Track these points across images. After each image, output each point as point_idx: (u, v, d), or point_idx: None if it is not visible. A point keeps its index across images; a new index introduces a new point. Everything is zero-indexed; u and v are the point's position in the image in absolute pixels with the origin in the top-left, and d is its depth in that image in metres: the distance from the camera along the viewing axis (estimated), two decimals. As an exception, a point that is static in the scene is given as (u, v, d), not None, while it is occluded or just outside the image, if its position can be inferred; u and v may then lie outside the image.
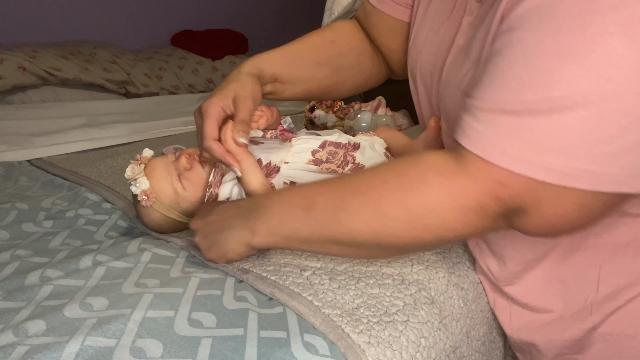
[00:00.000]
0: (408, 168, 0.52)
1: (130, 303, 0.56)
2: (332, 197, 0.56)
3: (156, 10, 2.46)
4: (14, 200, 0.91)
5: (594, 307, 0.59)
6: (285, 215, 0.59)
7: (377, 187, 0.53)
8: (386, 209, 0.52)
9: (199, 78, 2.29)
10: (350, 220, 0.54)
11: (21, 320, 0.53)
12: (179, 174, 0.76)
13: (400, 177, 0.52)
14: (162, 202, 0.75)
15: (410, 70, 0.78)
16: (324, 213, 0.56)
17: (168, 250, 0.71)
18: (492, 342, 0.75)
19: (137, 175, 0.74)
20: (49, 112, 1.64)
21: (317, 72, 0.85)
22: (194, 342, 0.51)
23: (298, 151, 0.77)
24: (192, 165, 0.76)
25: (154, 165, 0.77)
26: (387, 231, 0.53)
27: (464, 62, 0.59)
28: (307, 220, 0.57)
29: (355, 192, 0.55)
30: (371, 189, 0.54)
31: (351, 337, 0.54)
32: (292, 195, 0.61)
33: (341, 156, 0.77)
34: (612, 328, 0.59)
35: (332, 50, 0.87)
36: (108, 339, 0.50)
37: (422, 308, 0.62)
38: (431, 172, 0.50)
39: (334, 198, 0.56)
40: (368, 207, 0.53)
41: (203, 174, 0.76)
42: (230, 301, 0.59)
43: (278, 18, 3.03)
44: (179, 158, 0.77)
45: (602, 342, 0.60)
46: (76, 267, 0.65)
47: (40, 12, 2.06)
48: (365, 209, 0.53)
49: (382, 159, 0.77)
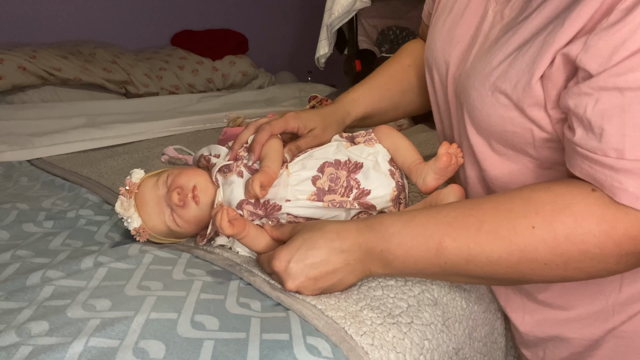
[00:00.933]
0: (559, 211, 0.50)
1: (134, 305, 0.56)
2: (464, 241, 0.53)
3: (156, 10, 2.46)
4: (14, 201, 0.91)
5: (616, 308, 0.59)
6: (410, 262, 0.56)
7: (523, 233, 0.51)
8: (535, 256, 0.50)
9: (199, 78, 2.29)
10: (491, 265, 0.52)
11: (24, 320, 0.53)
12: (172, 210, 0.71)
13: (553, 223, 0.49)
14: (156, 236, 0.73)
15: (426, 60, 0.77)
16: (457, 257, 0.54)
17: (169, 252, 0.71)
18: (494, 342, 0.75)
19: (128, 213, 0.70)
20: (49, 112, 1.64)
21: (403, 100, 0.89)
22: (196, 344, 0.51)
23: (297, 183, 0.70)
24: (185, 202, 0.70)
25: (145, 199, 0.72)
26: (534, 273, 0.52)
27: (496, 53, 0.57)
28: (437, 263, 0.55)
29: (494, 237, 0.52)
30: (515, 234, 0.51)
31: (354, 339, 0.54)
32: (414, 236, 0.56)
33: (343, 181, 0.70)
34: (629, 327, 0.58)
35: (412, 75, 0.89)
36: (111, 340, 0.50)
37: (425, 310, 0.62)
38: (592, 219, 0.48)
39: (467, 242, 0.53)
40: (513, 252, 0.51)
41: (197, 211, 0.71)
42: (233, 306, 0.58)
43: (278, 18, 3.03)
44: (170, 193, 0.70)
45: (615, 339, 0.59)
46: (77, 268, 0.65)
47: (40, 12, 2.06)
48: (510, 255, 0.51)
49: (388, 180, 0.72)
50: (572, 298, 0.62)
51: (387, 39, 2.18)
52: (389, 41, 2.17)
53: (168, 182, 0.72)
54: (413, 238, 0.56)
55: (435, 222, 0.56)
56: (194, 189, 0.70)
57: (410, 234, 0.56)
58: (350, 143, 0.77)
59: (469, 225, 0.53)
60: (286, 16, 3.08)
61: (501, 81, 0.55)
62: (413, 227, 0.57)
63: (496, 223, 0.52)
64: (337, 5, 1.75)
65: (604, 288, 0.59)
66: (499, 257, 0.51)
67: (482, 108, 0.59)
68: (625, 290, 0.58)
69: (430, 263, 0.55)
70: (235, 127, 1.32)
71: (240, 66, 2.43)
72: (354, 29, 2.07)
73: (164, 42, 2.51)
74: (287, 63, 3.07)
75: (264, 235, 0.68)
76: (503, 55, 0.56)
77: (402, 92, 0.88)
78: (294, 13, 3.11)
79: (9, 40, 1.93)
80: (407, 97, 0.89)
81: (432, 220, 0.56)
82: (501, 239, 0.51)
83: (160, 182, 0.72)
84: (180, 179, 0.71)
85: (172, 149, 1.23)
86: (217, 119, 1.68)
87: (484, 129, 0.61)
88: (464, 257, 0.53)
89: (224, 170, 0.72)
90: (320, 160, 0.72)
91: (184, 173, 0.73)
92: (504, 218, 0.52)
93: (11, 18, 1.98)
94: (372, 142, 0.76)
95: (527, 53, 0.53)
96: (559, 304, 0.64)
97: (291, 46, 3.14)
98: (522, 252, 0.50)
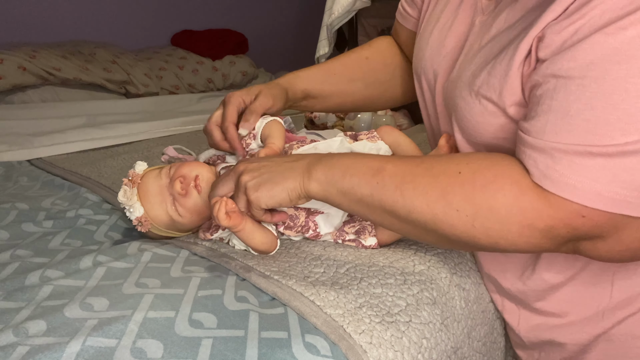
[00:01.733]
0: (484, 166, 0.53)
1: (131, 304, 0.56)
2: (402, 168, 0.57)
3: (156, 10, 2.45)
4: (14, 200, 0.91)
5: (606, 314, 0.59)
6: (351, 170, 0.59)
7: (450, 174, 0.54)
8: (452, 198, 0.53)
9: (199, 78, 2.29)
10: (414, 195, 0.55)
11: (21, 320, 0.53)
12: (174, 199, 0.72)
13: (475, 173, 0.52)
14: (157, 227, 0.73)
15: (415, 70, 0.78)
16: (390, 180, 0.56)
17: (168, 250, 0.71)
18: (493, 342, 0.75)
19: (131, 202, 0.71)
20: (49, 112, 1.64)
21: (349, 87, 0.91)
22: (194, 342, 0.51)
23: None
24: (187, 191, 0.72)
25: (147, 189, 0.73)
26: (446, 219, 0.53)
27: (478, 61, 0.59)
28: (371, 181, 0.57)
29: (427, 171, 0.55)
30: (443, 173, 0.54)
31: (353, 338, 0.54)
32: (364, 156, 0.62)
33: None
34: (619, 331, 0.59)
35: (366, 66, 0.92)
36: (109, 340, 0.50)
37: (424, 309, 0.62)
38: (508, 180, 0.51)
39: (405, 170, 0.57)
40: (435, 189, 0.54)
41: (199, 200, 0.72)
42: (231, 301, 0.58)
43: (278, 18, 3.02)
44: (173, 182, 0.72)
45: (606, 342, 0.60)
46: (76, 268, 0.65)
47: (40, 12, 2.06)
48: (432, 190, 0.54)
49: None
50: (566, 306, 0.63)
51: (387, 38, 2.18)
52: (389, 41, 2.17)
53: (171, 172, 0.74)
54: (364, 157, 0.62)
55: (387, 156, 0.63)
56: (197, 178, 0.72)
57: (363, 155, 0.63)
58: (354, 140, 0.79)
59: (413, 162, 0.58)
60: (286, 16, 3.07)
61: (485, 89, 0.57)
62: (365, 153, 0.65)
63: (434, 163, 0.56)
64: (337, 5, 1.74)
65: (596, 295, 0.60)
66: (423, 189, 0.54)
67: (471, 117, 0.60)
68: (616, 296, 0.58)
69: (366, 180, 0.58)
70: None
71: (240, 66, 2.43)
72: (354, 29, 2.07)
73: (164, 42, 2.51)
74: (287, 63, 3.07)
75: (260, 230, 0.68)
76: (484, 62, 0.58)
77: (349, 80, 0.91)
78: (294, 13, 3.11)
79: (9, 40, 1.93)
80: (355, 86, 0.92)
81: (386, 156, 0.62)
82: (431, 175, 0.55)
83: (163, 173, 0.74)
84: (183, 169, 0.73)
85: (172, 149, 1.23)
86: (217, 119, 1.67)
87: (474, 137, 0.62)
88: (395, 182, 0.56)
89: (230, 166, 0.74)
90: (324, 152, 0.74)
91: (187, 164, 0.75)
92: (442, 161, 0.56)
93: (11, 18, 1.98)
94: (375, 139, 0.79)
95: (506, 56, 0.54)
96: (553, 311, 0.64)
97: (291, 46, 3.13)
98: (443, 190, 0.53)
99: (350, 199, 0.59)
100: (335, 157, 0.62)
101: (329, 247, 0.73)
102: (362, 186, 0.58)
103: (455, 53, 0.68)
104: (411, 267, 0.68)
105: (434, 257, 0.71)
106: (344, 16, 1.77)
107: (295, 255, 0.71)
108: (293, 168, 0.62)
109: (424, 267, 0.68)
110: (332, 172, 0.60)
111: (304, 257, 0.70)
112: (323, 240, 0.76)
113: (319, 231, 0.74)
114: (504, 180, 0.51)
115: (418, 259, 0.70)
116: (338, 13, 1.76)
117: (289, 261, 0.69)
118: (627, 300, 0.58)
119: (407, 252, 0.72)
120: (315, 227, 0.74)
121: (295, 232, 0.74)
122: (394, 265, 0.68)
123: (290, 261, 0.69)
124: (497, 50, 0.57)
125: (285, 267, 0.67)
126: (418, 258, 0.70)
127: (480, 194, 0.51)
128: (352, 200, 0.59)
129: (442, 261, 0.71)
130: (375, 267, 0.67)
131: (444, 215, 0.53)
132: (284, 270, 0.66)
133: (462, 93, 0.61)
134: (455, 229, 0.53)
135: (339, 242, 0.74)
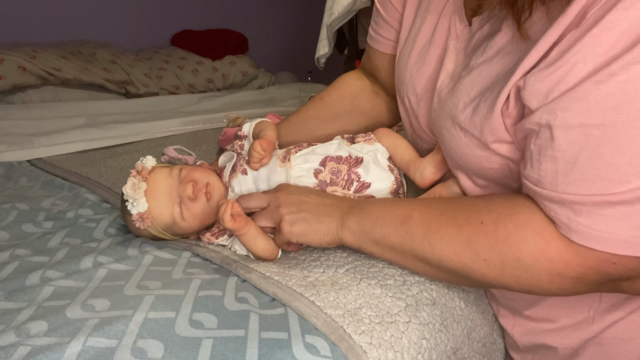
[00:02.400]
0: (504, 216, 0.53)
1: (132, 304, 0.56)
2: (428, 217, 0.58)
3: (156, 10, 2.46)
4: (14, 201, 0.91)
5: (596, 318, 0.60)
6: (380, 220, 0.61)
7: (473, 224, 0.54)
8: (478, 248, 0.53)
9: (199, 78, 2.29)
10: (442, 245, 0.56)
11: (23, 320, 0.53)
12: (181, 201, 0.71)
13: (496, 224, 0.53)
14: (156, 226, 0.72)
15: (397, 91, 0.79)
16: (418, 229, 0.58)
17: (169, 253, 0.71)
18: (493, 343, 0.75)
19: (137, 196, 0.70)
20: (49, 112, 1.64)
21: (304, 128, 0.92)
22: (195, 342, 0.51)
23: (299, 175, 0.74)
24: (197, 196, 0.71)
25: (156, 186, 0.72)
26: (475, 267, 0.54)
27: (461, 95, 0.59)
28: (400, 231, 0.59)
29: (451, 221, 0.56)
30: (466, 223, 0.55)
31: (353, 338, 0.54)
32: (391, 204, 0.63)
33: (345, 174, 0.74)
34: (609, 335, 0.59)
35: (321, 105, 0.94)
36: (109, 340, 0.50)
37: (423, 309, 0.62)
38: (530, 231, 0.50)
39: (430, 219, 0.58)
40: (461, 240, 0.55)
41: (206, 207, 0.72)
42: (232, 302, 0.59)
43: (278, 18, 3.03)
44: (185, 185, 0.71)
45: (596, 346, 0.60)
46: (77, 268, 0.65)
47: (40, 12, 2.06)
48: (458, 241, 0.55)
49: (387, 174, 0.76)
50: (556, 311, 0.63)
51: (387, 39, 2.18)
52: (389, 41, 2.17)
53: (182, 174, 0.73)
54: (390, 204, 0.64)
55: (411, 201, 0.64)
56: (208, 185, 0.72)
57: (390, 202, 0.65)
58: (351, 143, 0.80)
59: (438, 207, 0.59)
60: (286, 16, 3.08)
61: (468, 125, 0.57)
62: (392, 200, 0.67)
63: (457, 212, 0.57)
64: (337, 5, 1.74)
65: (586, 299, 0.60)
66: (449, 239, 0.55)
67: (457, 148, 0.61)
68: (605, 300, 0.59)
69: (395, 230, 0.60)
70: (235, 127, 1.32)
71: (240, 66, 2.43)
72: (354, 29, 2.07)
73: (164, 42, 2.51)
74: (287, 63, 3.07)
75: (263, 237, 0.69)
76: (468, 98, 0.58)
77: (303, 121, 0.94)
78: (294, 13, 3.11)
79: (9, 40, 1.93)
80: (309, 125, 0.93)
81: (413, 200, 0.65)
82: (456, 225, 0.56)
83: (173, 173, 0.74)
84: (195, 173, 0.73)
85: (172, 149, 1.23)
86: (217, 119, 1.68)
87: (462, 166, 0.63)
88: (423, 232, 0.58)
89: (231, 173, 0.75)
90: (322, 155, 0.75)
91: (199, 169, 0.75)
92: (464, 209, 0.57)
93: (11, 18, 1.98)
94: (372, 141, 0.80)
95: (489, 99, 0.54)
96: (544, 317, 0.65)
97: (291, 46, 3.14)
98: (468, 241, 0.54)
99: (383, 248, 0.62)
100: (366, 207, 0.64)
101: (329, 248, 0.73)
102: (392, 236, 0.60)
103: (432, 78, 0.69)
104: (411, 267, 0.68)
105: (434, 257, 0.71)
106: (344, 16, 1.77)
107: (294, 257, 0.71)
108: (329, 214, 0.65)
109: (424, 267, 0.68)
110: (363, 222, 0.62)
111: (303, 259, 0.70)
112: None
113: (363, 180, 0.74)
114: (526, 232, 0.51)
115: (418, 260, 0.70)
116: (338, 13, 1.76)
117: (289, 262, 0.69)
118: (616, 304, 0.58)
119: (407, 253, 0.72)
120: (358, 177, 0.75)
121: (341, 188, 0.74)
122: (394, 266, 0.68)
123: (290, 262, 0.69)
124: (479, 86, 0.57)
125: (285, 267, 0.67)
126: (418, 259, 0.70)
127: (504, 246, 0.52)
128: (385, 248, 0.62)
129: (442, 262, 0.71)
130: (375, 268, 0.67)
131: (472, 264, 0.54)
132: (284, 271, 0.66)
133: (446, 124, 0.62)
134: (486, 277, 0.54)
135: None
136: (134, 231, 0.75)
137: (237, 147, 0.81)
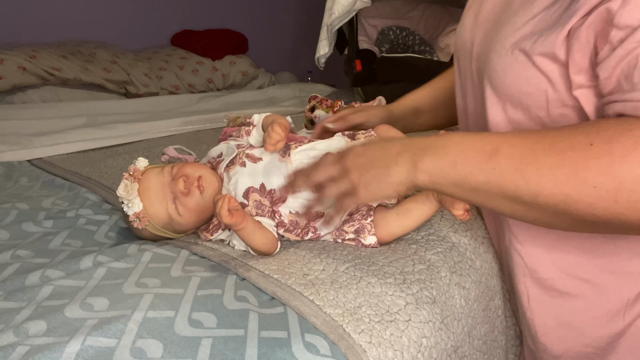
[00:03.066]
0: (619, 133, 0.47)
1: (131, 303, 0.56)
2: (521, 148, 0.51)
3: (156, 10, 2.46)
4: (14, 200, 0.91)
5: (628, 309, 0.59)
6: (461, 157, 0.54)
7: (579, 148, 0.48)
8: (586, 174, 0.47)
9: (199, 78, 2.29)
10: (539, 177, 0.50)
11: (22, 320, 0.53)
12: (175, 197, 0.72)
13: (611, 143, 0.47)
14: (154, 224, 0.73)
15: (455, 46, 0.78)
16: (509, 163, 0.51)
17: (168, 250, 0.71)
18: (494, 340, 0.75)
19: (130, 197, 0.71)
20: (49, 112, 1.64)
21: None
22: (194, 342, 0.51)
23: None
24: (190, 190, 0.72)
25: (149, 185, 0.73)
26: (581, 198, 0.48)
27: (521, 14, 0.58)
28: (486, 168, 0.53)
29: (550, 149, 0.50)
30: (570, 148, 0.49)
31: (352, 337, 0.54)
32: (474, 139, 0.56)
33: None
34: None
35: None
36: (108, 339, 0.50)
37: (423, 307, 0.62)
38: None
39: (524, 150, 0.51)
40: (564, 168, 0.49)
41: (200, 200, 0.72)
42: (231, 301, 0.58)
43: (278, 18, 3.02)
44: (176, 180, 0.72)
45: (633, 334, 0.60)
46: (77, 268, 0.65)
47: (40, 12, 2.06)
48: (560, 169, 0.49)
49: None
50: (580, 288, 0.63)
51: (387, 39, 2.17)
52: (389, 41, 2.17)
53: (173, 171, 0.74)
54: (472, 139, 0.56)
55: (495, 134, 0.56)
56: (200, 178, 0.72)
57: (470, 136, 0.57)
58: (352, 139, 0.80)
59: (529, 137, 0.53)
60: (286, 16, 3.07)
61: (522, 40, 0.55)
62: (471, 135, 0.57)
63: (556, 138, 0.51)
64: (337, 5, 1.75)
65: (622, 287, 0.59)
66: (549, 170, 0.49)
67: (500, 68, 0.59)
68: None
69: (480, 168, 0.53)
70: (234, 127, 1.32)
71: (240, 66, 2.43)
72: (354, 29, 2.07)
73: (164, 42, 2.51)
74: (287, 63, 3.06)
75: (261, 230, 0.69)
76: (529, 15, 0.56)
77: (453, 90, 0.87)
78: (294, 13, 3.11)
79: (9, 40, 1.93)
80: None
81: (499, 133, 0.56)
82: (556, 152, 0.50)
83: (165, 171, 0.75)
84: (186, 168, 0.74)
85: (172, 149, 1.23)
86: (217, 119, 1.68)
87: (500, 91, 0.60)
88: (515, 165, 0.51)
89: (228, 165, 0.75)
90: (323, 151, 0.74)
91: (190, 164, 0.76)
92: (565, 134, 0.51)
93: (11, 18, 1.98)
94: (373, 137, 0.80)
95: (557, 12, 0.52)
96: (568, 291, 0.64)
97: (291, 46, 3.13)
98: (573, 168, 0.48)
99: (464, 189, 0.55)
100: (441, 144, 0.57)
101: (329, 245, 0.73)
102: (476, 174, 0.53)
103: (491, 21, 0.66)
104: (411, 266, 0.68)
105: (434, 256, 0.71)
106: (344, 16, 1.77)
107: (294, 253, 0.71)
108: (397, 163, 0.58)
109: (424, 266, 0.68)
110: (440, 163, 0.56)
111: (303, 256, 0.70)
112: (323, 239, 0.76)
113: (319, 233, 0.74)
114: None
115: (418, 258, 0.70)
116: (338, 13, 1.76)
117: (289, 259, 0.69)
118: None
119: (407, 252, 0.72)
120: (315, 230, 0.74)
121: (295, 235, 0.74)
122: (394, 264, 0.68)
123: (289, 259, 0.69)
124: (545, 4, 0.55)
125: (284, 265, 0.67)
126: (418, 257, 0.70)
127: (621, 165, 0.46)
128: (467, 189, 0.55)
129: (442, 260, 0.71)
130: (375, 266, 0.67)
131: (577, 194, 0.48)
132: (284, 269, 0.66)
133: (496, 47, 0.60)
134: (593, 208, 0.48)
135: (339, 241, 0.75)
136: (137, 233, 0.76)
137: (243, 132, 0.82)
